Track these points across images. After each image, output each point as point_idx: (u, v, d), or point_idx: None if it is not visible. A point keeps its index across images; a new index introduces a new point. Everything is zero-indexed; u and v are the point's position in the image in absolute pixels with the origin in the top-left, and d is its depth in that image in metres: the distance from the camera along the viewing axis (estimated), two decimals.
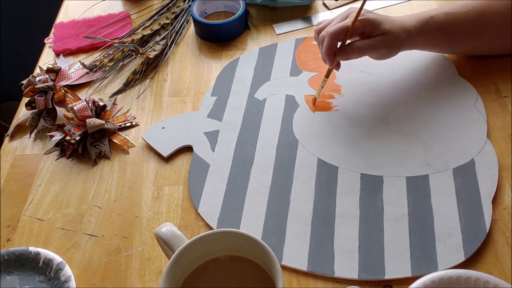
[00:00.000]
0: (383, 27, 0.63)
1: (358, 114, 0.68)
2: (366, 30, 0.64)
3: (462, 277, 0.46)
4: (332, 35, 0.63)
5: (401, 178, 0.60)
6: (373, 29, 0.63)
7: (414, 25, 0.65)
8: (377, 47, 0.64)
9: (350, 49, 0.64)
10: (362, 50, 0.64)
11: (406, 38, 0.64)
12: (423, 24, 0.65)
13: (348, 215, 0.57)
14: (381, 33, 0.63)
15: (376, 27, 0.63)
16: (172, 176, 0.64)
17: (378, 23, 0.63)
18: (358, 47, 0.63)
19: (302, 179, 0.61)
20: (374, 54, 0.66)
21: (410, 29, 0.64)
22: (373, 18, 0.63)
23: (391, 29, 0.63)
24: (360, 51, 0.64)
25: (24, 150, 0.70)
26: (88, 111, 0.69)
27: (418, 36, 0.65)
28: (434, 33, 0.66)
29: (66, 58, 0.83)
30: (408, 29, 0.64)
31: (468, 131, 0.64)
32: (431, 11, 0.66)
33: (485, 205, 0.56)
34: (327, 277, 0.53)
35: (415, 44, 0.67)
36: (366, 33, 0.64)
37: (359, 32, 0.64)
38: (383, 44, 0.64)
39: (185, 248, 0.47)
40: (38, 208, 0.63)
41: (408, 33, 0.64)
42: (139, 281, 0.55)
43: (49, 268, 0.55)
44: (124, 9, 0.92)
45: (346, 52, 0.64)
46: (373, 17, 0.64)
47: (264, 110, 0.70)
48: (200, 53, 0.82)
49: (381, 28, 0.63)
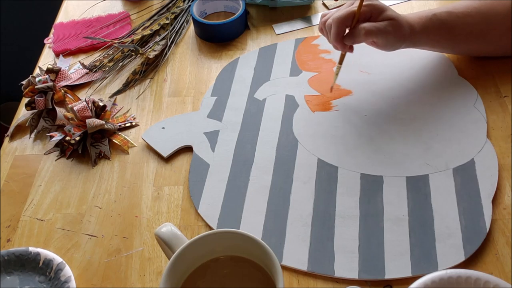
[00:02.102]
0: (390, 13, 0.63)
1: (358, 114, 0.68)
2: (373, 15, 0.63)
3: (462, 277, 0.46)
4: (339, 21, 0.62)
5: (401, 178, 0.60)
6: (379, 14, 0.63)
7: (417, 21, 0.65)
8: (384, 31, 0.62)
9: (357, 31, 0.62)
10: (369, 32, 0.62)
11: (410, 32, 0.64)
12: (426, 21, 0.65)
13: (348, 215, 0.57)
14: (388, 18, 0.63)
15: (383, 12, 0.63)
16: (172, 176, 0.64)
17: (385, 9, 0.63)
18: (365, 28, 0.62)
19: (302, 179, 0.61)
20: (380, 39, 0.64)
21: (413, 24, 0.64)
22: (379, 4, 0.63)
23: (398, 17, 0.63)
24: (367, 33, 0.62)
25: (24, 151, 0.70)
26: (88, 111, 0.69)
27: (421, 33, 0.65)
28: (437, 30, 0.66)
29: (66, 58, 0.84)
30: (411, 24, 0.64)
31: (468, 131, 0.64)
32: (434, 9, 0.66)
33: (485, 205, 0.56)
34: (327, 277, 0.53)
35: (417, 41, 0.66)
36: (373, 18, 0.63)
37: (366, 17, 0.63)
38: (390, 28, 0.62)
39: (185, 248, 0.47)
40: (38, 208, 0.63)
41: (412, 28, 0.64)
42: (139, 281, 0.55)
43: (49, 269, 0.55)
44: (124, 9, 0.92)
45: (353, 35, 0.63)
46: (379, 4, 0.63)
47: (264, 110, 0.70)
48: (200, 53, 0.82)
49: (387, 14, 0.63)
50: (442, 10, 0.66)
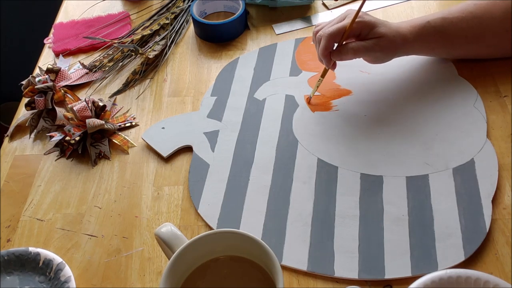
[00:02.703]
0: (379, 30, 0.64)
1: (358, 114, 0.68)
2: (362, 32, 0.64)
3: (462, 276, 0.46)
4: (329, 36, 0.63)
5: (401, 178, 0.60)
6: (369, 31, 0.64)
7: (410, 30, 0.65)
8: (372, 49, 0.64)
9: (345, 50, 0.64)
10: (356, 52, 0.64)
11: (402, 43, 0.65)
12: (419, 29, 0.65)
13: (348, 215, 0.57)
14: (377, 36, 0.64)
15: (372, 29, 0.64)
16: (172, 176, 0.64)
17: (374, 26, 0.64)
18: (353, 48, 0.64)
19: (302, 179, 0.61)
20: (368, 57, 0.66)
21: (406, 34, 0.65)
22: (370, 20, 0.64)
23: (386, 33, 0.64)
24: (354, 53, 0.64)
25: (24, 151, 0.70)
26: (87, 111, 0.69)
27: (414, 42, 0.66)
28: (431, 37, 0.66)
29: (65, 58, 0.84)
30: (404, 34, 0.65)
31: (468, 131, 0.64)
32: (428, 16, 0.67)
33: (485, 205, 0.56)
34: (327, 277, 0.53)
35: (411, 50, 0.67)
36: (362, 35, 0.64)
37: (355, 34, 0.64)
38: (378, 47, 0.64)
39: (185, 248, 0.47)
40: (38, 208, 0.63)
41: (404, 38, 0.65)
42: (139, 281, 0.55)
43: (49, 269, 0.55)
44: (124, 9, 0.92)
45: (340, 52, 0.64)
46: (370, 20, 0.64)
47: (264, 110, 0.70)
48: (200, 53, 0.82)
49: (377, 31, 0.64)
50: (437, 17, 0.66)
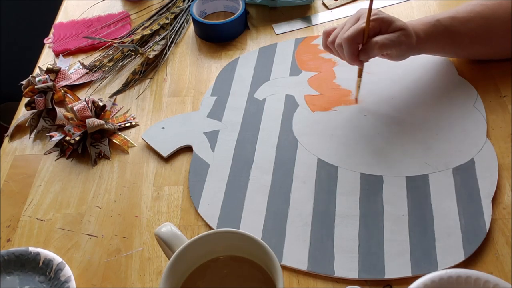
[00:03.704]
0: (399, 23, 0.63)
1: (358, 114, 0.68)
2: (382, 28, 0.63)
3: (462, 276, 0.46)
4: (350, 39, 0.62)
5: (401, 178, 0.60)
6: (388, 25, 0.63)
7: (422, 28, 0.65)
8: (398, 42, 0.62)
9: (370, 46, 0.62)
10: (383, 45, 0.62)
11: (416, 40, 0.64)
12: (430, 27, 0.65)
13: (348, 215, 0.57)
14: (399, 28, 0.63)
15: (392, 24, 0.63)
16: (172, 176, 0.64)
17: (393, 20, 0.63)
18: (378, 42, 0.62)
19: (302, 179, 0.61)
20: (394, 50, 0.64)
21: (418, 31, 0.64)
22: (387, 16, 0.63)
23: (407, 26, 0.63)
24: (381, 46, 0.62)
25: (24, 151, 0.70)
26: (87, 111, 0.69)
27: (426, 40, 0.65)
28: (441, 36, 0.66)
29: (65, 58, 0.84)
30: (416, 31, 0.64)
31: (468, 131, 0.64)
32: (437, 15, 0.66)
33: (485, 205, 0.56)
34: (327, 277, 0.53)
35: (423, 48, 0.66)
36: (383, 31, 0.63)
37: (375, 31, 0.63)
38: (404, 38, 0.62)
39: (185, 248, 0.47)
40: (38, 208, 0.63)
41: (417, 36, 0.64)
42: (139, 281, 0.55)
43: (49, 269, 0.55)
44: (124, 9, 0.92)
45: (366, 50, 0.63)
46: (387, 16, 0.63)
47: (264, 110, 0.70)
48: (200, 53, 0.82)
49: (397, 24, 0.63)
50: (445, 16, 0.66)
